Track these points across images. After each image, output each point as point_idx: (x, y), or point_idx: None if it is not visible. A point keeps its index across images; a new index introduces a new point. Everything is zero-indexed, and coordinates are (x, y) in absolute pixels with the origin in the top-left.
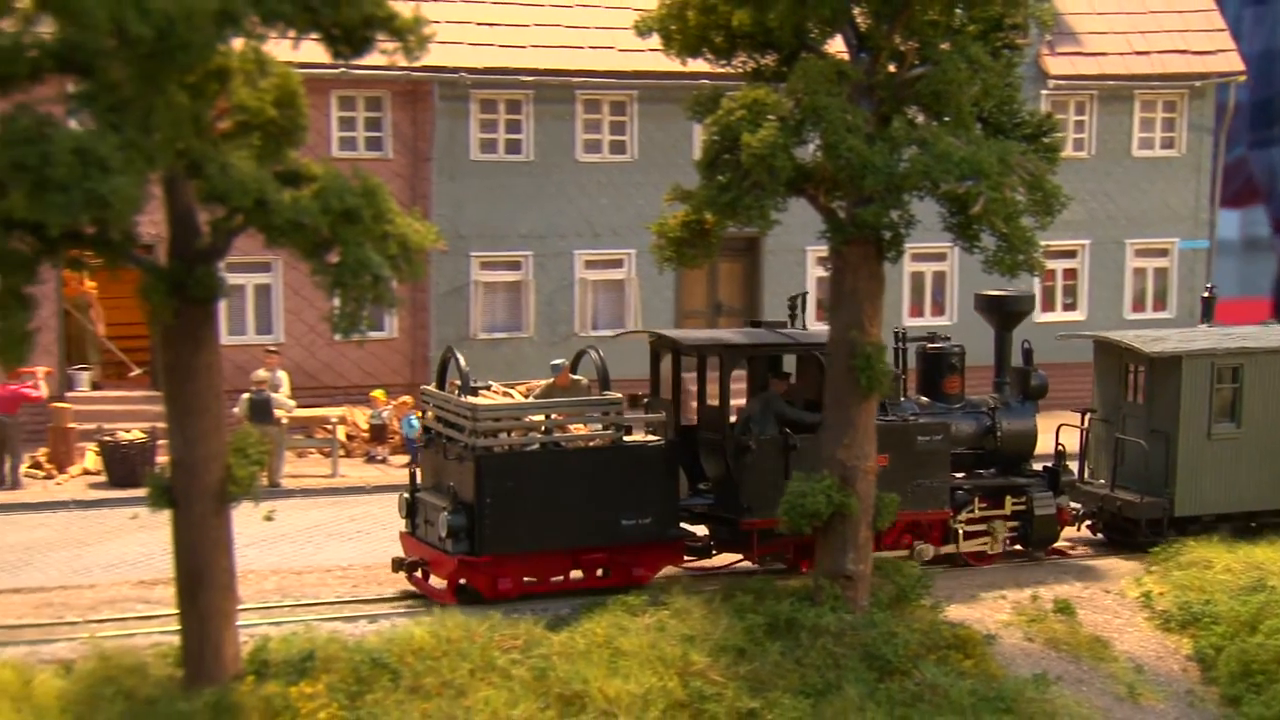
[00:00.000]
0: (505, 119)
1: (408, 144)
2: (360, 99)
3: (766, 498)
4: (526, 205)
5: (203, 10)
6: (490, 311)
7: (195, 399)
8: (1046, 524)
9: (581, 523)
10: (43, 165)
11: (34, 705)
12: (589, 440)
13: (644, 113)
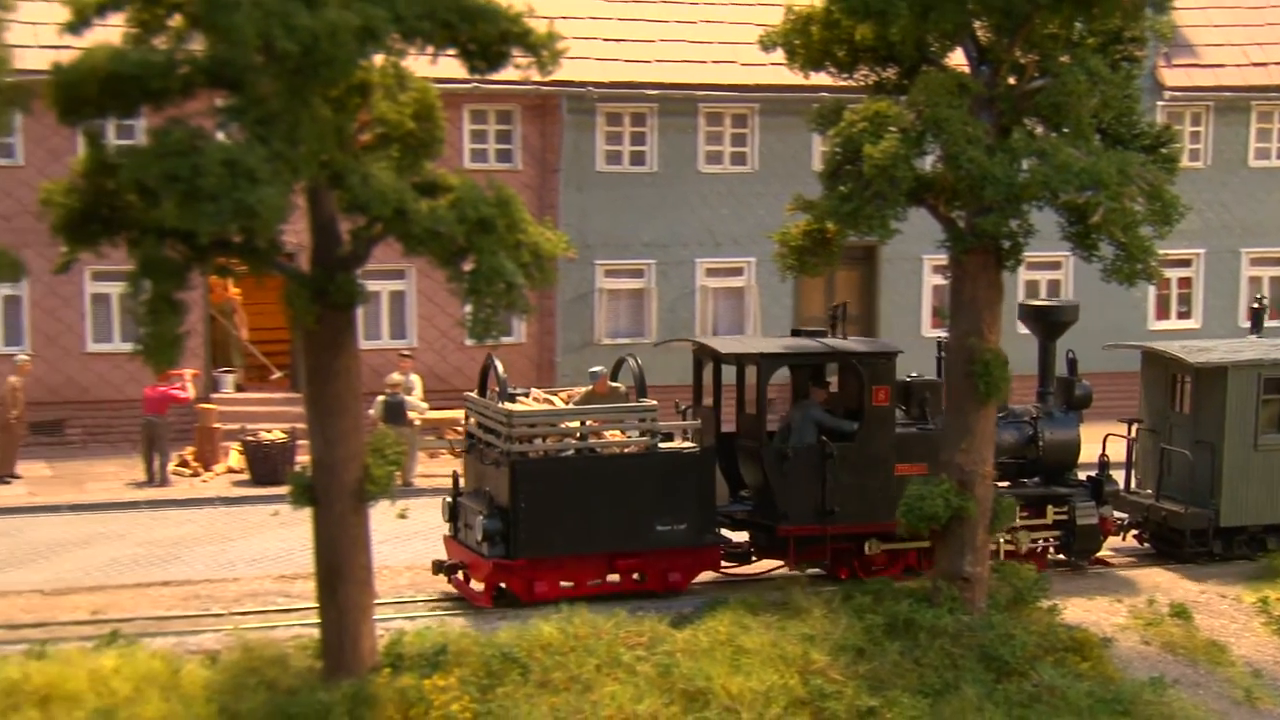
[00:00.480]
0: (630, 131)
1: (536, 156)
2: (491, 112)
3: (803, 505)
4: (650, 215)
5: (346, 27)
6: (614, 318)
7: (335, 401)
8: (1088, 534)
9: (616, 528)
10: (194, 176)
11: (181, 694)
12: (624, 446)
13: (765, 125)
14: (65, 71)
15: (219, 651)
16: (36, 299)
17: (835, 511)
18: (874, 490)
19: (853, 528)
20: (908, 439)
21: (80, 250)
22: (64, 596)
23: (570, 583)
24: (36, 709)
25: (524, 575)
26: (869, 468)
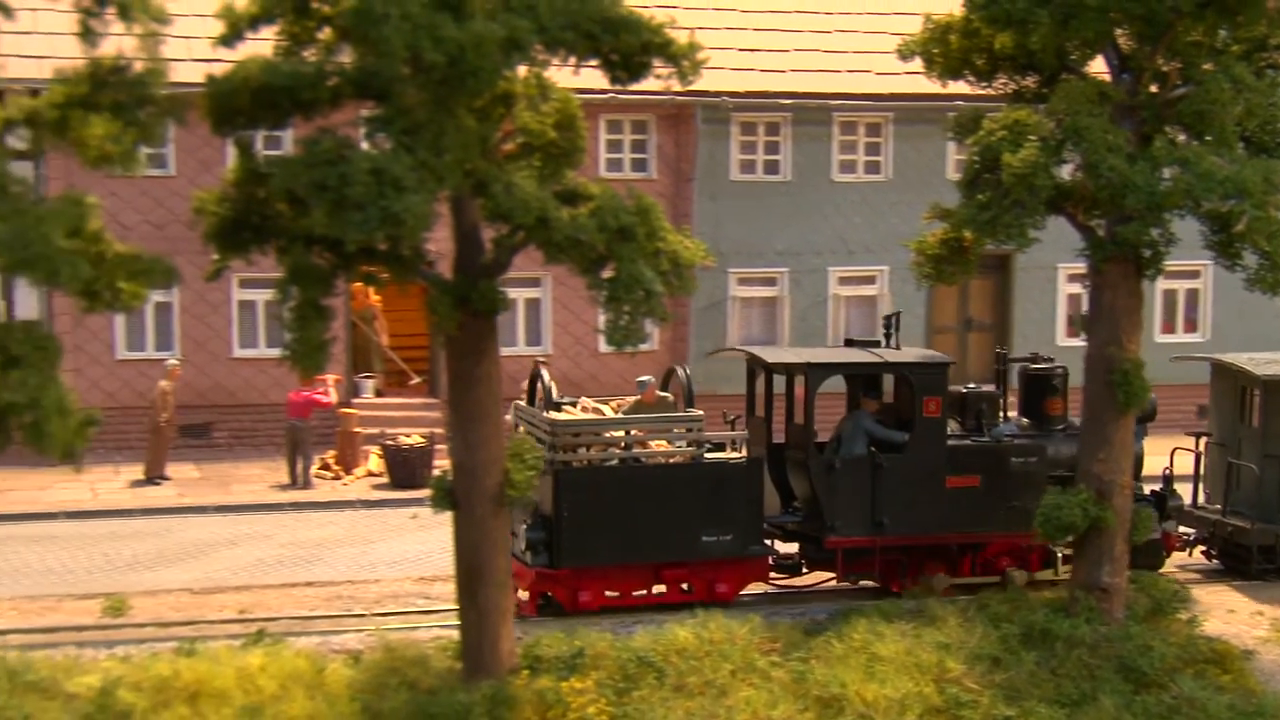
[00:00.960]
0: (764, 140)
1: (671, 165)
2: (627, 122)
3: (852, 516)
4: (783, 223)
5: (491, 38)
6: (746, 325)
7: (477, 406)
8: (1151, 549)
9: (660, 538)
10: (342, 185)
11: (325, 693)
12: (669, 457)
13: (899, 133)
14: (219, 83)
15: (362, 651)
16: (186, 305)
17: (885, 523)
18: (925, 502)
19: (903, 540)
20: (960, 451)
21: (231, 257)
22: (212, 595)
23: (616, 593)
24: (186, 705)
25: (568, 584)
26: (919, 479)
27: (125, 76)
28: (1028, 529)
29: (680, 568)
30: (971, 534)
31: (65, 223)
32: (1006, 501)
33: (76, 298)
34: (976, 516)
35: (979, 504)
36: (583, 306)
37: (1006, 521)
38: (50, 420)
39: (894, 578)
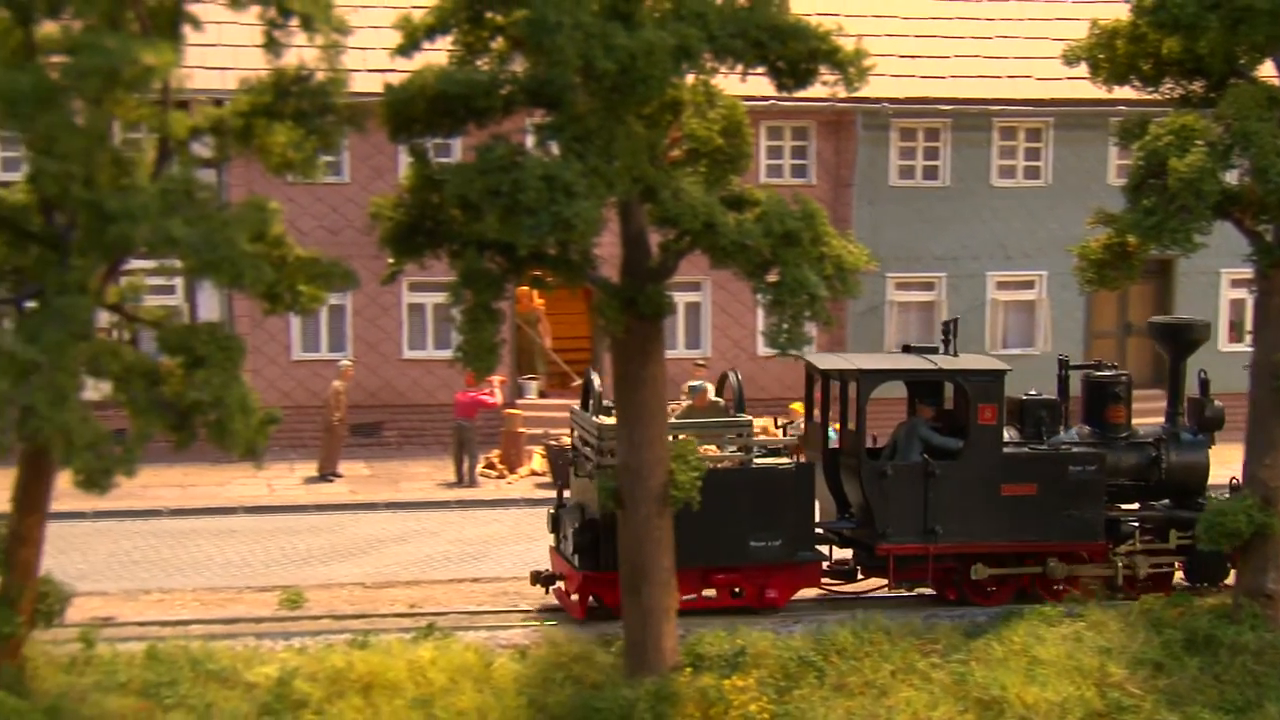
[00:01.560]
0: (923, 146)
1: (830, 171)
2: (787, 129)
3: (904, 523)
4: (941, 228)
5: (662, 47)
6: (903, 329)
7: (642, 408)
8: (1213, 560)
9: (708, 543)
10: (515, 191)
11: (493, 686)
12: (718, 461)
13: (1059, 139)
14: (396, 91)
15: (528, 646)
16: (358, 308)
17: (938, 531)
18: (979, 510)
19: (956, 548)
20: (1015, 459)
21: (405, 261)
22: (383, 590)
23: None
24: (360, 696)
25: (616, 588)
26: (973, 487)
27: (307, 86)
28: (1086, 538)
29: (730, 572)
30: (1028, 543)
31: (249, 227)
32: (1064, 510)
33: (259, 300)
34: (1033, 525)
35: (1035, 512)
36: (742, 311)
37: (1064, 530)
38: (233, 418)
39: (949, 585)
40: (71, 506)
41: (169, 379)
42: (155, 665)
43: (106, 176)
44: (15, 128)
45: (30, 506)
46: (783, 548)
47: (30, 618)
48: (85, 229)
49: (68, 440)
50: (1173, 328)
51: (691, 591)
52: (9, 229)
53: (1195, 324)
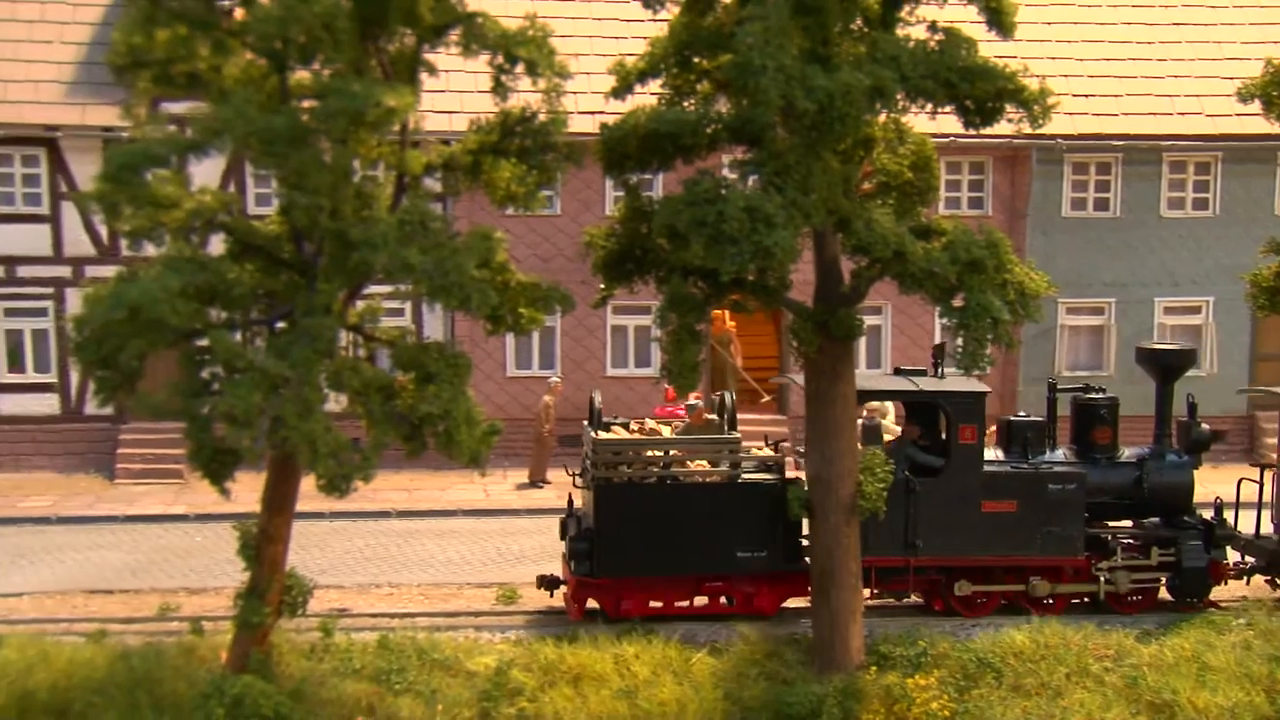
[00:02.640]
0: (1095, 179)
1: (1005, 202)
2: (965, 163)
3: (886, 536)
4: (1111, 257)
5: (858, 88)
6: (1074, 352)
7: (832, 423)
8: (1194, 576)
9: (695, 553)
10: (719, 221)
11: (692, 679)
12: (706, 476)
13: (1227, 171)
14: (611, 130)
15: (724, 644)
16: (567, 329)
17: (919, 545)
18: (959, 525)
19: (937, 561)
20: (996, 476)
21: (616, 286)
22: None
23: (659, 603)
24: (570, 686)
25: (611, 593)
26: (954, 503)
27: (531, 126)
28: (1065, 553)
29: (719, 581)
30: (1007, 557)
31: (476, 255)
32: (1043, 526)
33: (484, 321)
34: (1012, 540)
35: (1015, 528)
36: (918, 333)
37: (1043, 545)
38: (460, 429)
39: (935, 596)
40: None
41: (402, 393)
42: (386, 654)
43: (350, 209)
44: (271, 165)
45: (278, 507)
46: (768, 559)
47: (277, 609)
48: (331, 256)
49: (312, 448)
50: (1158, 354)
51: (684, 598)
52: (263, 256)
53: (1181, 350)
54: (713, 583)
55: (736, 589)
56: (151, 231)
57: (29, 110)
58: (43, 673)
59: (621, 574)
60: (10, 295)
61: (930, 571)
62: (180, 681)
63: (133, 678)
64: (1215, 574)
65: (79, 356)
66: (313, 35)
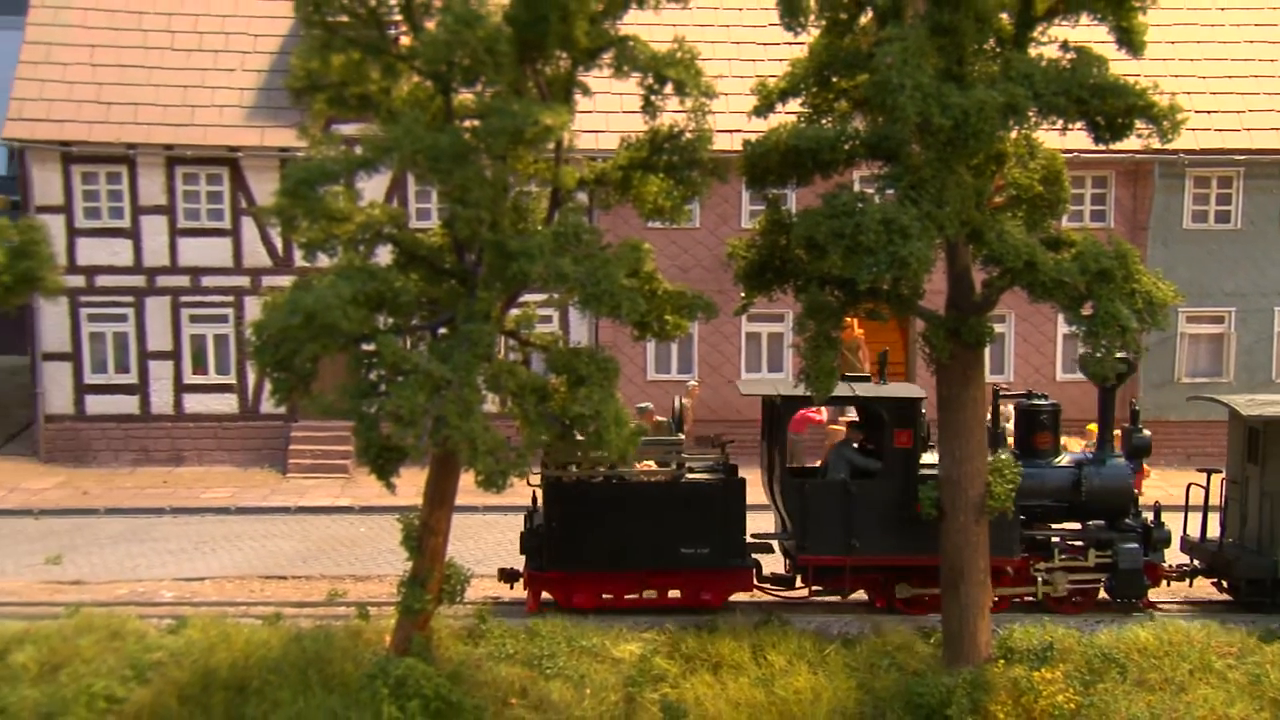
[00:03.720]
0: (1216, 192)
1: (1127, 215)
2: (1088, 178)
3: (823, 536)
4: (1232, 267)
5: (992, 104)
6: (1193, 359)
7: (963, 426)
8: (1129, 577)
9: (640, 548)
10: (856, 233)
11: (826, 669)
12: (652, 475)
13: None
14: (754, 146)
15: (858, 636)
16: (703, 336)
17: (855, 544)
18: (895, 526)
19: (872, 560)
20: (930, 479)
21: (756, 295)
22: None
23: (610, 595)
24: (710, 673)
25: (562, 586)
26: (889, 504)
27: (678, 142)
28: (1000, 553)
29: (666, 576)
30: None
31: (626, 265)
32: None
33: (630, 328)
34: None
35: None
36: (1043, 341)
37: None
38: (609, 429)
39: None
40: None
41: (554, 395)
42: (537, 640)
43: (508, 221)
44: (436, 180)
45: (439, 501)
46: (711, 555)
47: (437, 596)
48: (490, 266)
49: (472, 446)
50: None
51: (633, 591)
52: (426, 266)
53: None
54: (659, 577)
55: (683, 584)
56: (325, 243)
57: (213, 133)
58: (223, 652)
59: (571, 568)
60: (195, 303)
61: (870, 571)
62: (348, 662)
63: (304, 658)
64: (1152, 576)
65: (257, 360)
66: (476, 59)
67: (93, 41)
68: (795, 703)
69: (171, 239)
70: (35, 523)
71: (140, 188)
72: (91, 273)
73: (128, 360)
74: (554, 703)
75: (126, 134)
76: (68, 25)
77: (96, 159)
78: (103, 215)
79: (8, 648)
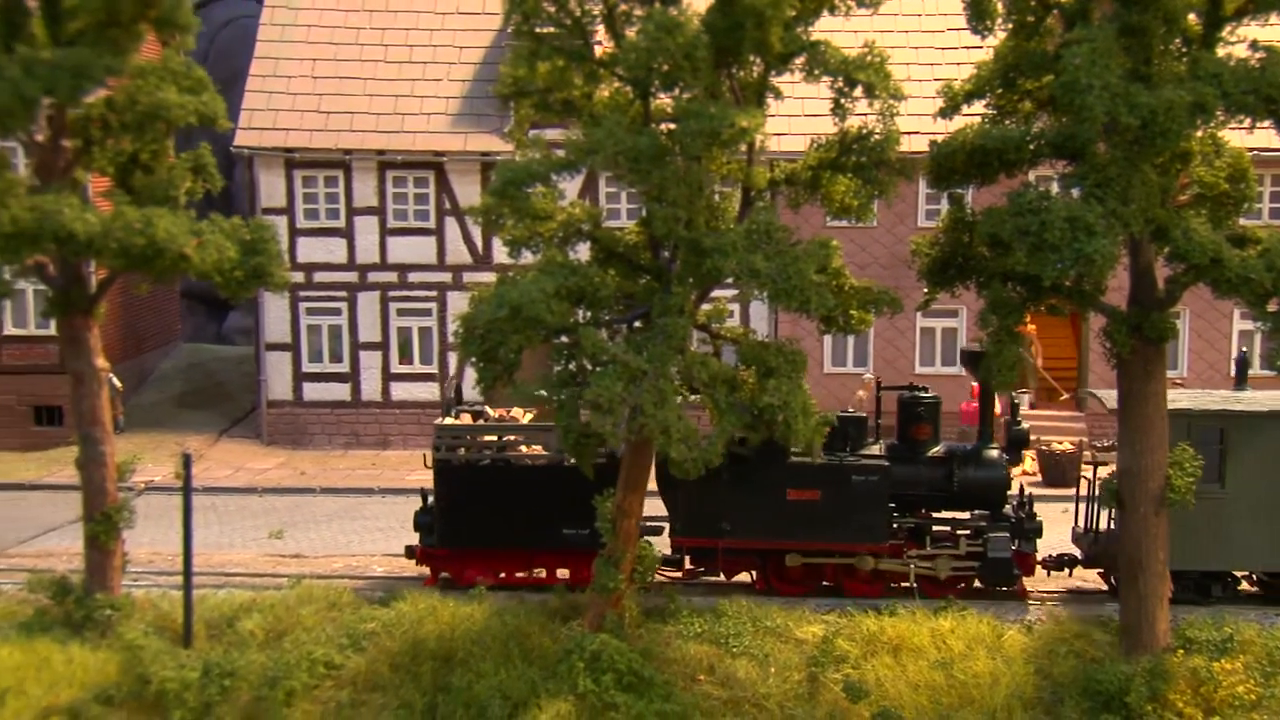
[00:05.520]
0: None
1: None
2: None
3: (696, 520)
4: None
5: (1180, 104)
6: None
7: (1145, 420)
8: (997, 565)
9: (525, 529)
10: (1041, 230)
11: (1004, 655)
12: (535, 459)
13: None
14: (941, 147)
15: (1034, 623)
16: (879, 330)
17: (727, 528)
18: (765, 512)
19: (744, 544)
20: (800, 467)
21: (938, 291)
22: None
23: (502, 573)
24: (889, 655)
25: (456, 563)
26: (761, 491)
27: (867, 143)
28: (868, 540)
29: (551, 555)
30: (811, 542)
31: (815, 261)
32: (847, 514)
33: (816, 322)
34: (816, 527)
35: (819, 516)
36: (1217, 336)
37: (847, 533)
38: (797, 419)
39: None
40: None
41: (744, 386)
42: (723, 619)
43: (702, 220)
44: (635, 180)
45: (633, 486)
46: (591, 536)
47: (629, 576)
48: (684, 262)
49: (666, 433)
50: (979, 355)
51: (523, 569)
52: (624, 262)
53: None
54: (546, 557)
55: (568, 563)
56: (529, 240)
57: (420, 139)
58: (431, 624)
59: (460, 546)
60: (402, 298)
61: (739, 554)
62: (545, 637)
63: (506, 632)
64: (1024, 566)
65: (464, 350)
66: (675, 64)
67: (314, 55)
68: (974, 686)
69: (381, 238)
70: (259, 500)
71: (354, 190)
72: (310, 269)
73: (341, 351)
74: (740, 680)
75: (343, 141)
76: (293, 41)
77: (316, 164)
78: (320, 216)
79: (237, 615)
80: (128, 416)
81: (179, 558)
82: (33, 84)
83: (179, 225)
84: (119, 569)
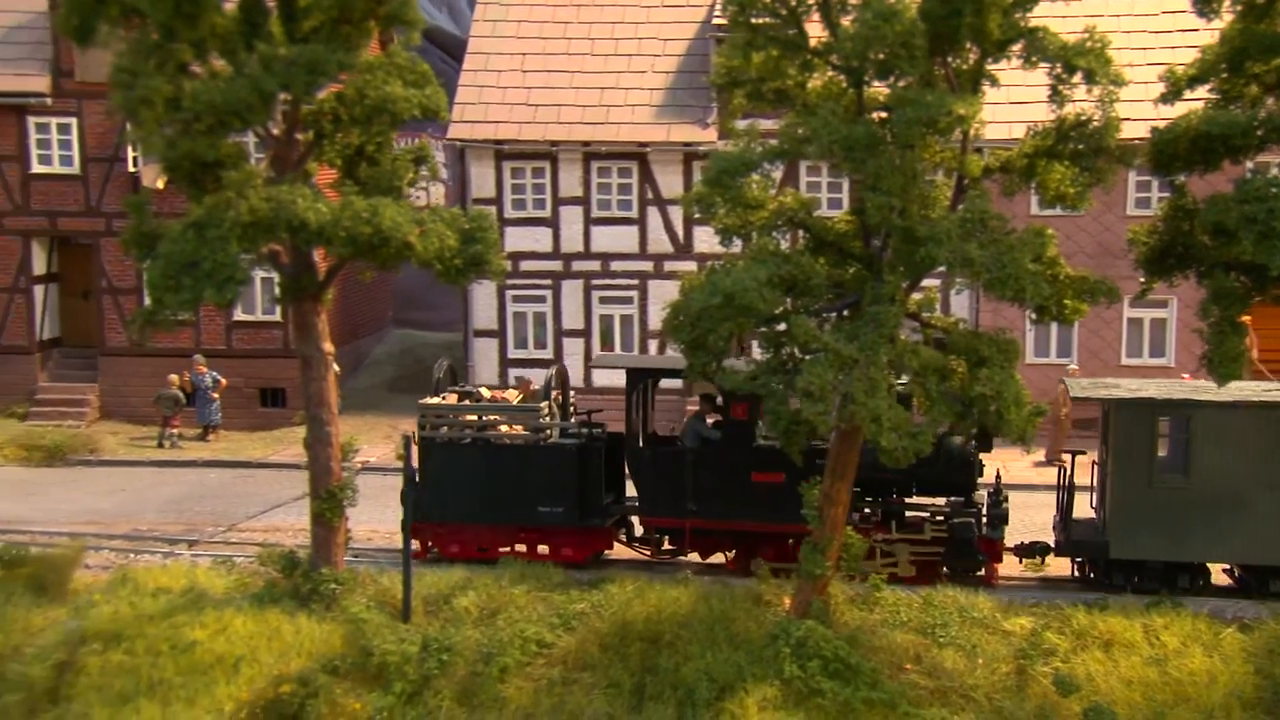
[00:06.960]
0: None
1: None
2: None
3: (663, 501)
4: None
5: None
6: None
7: None
8: (961, 549)
9: (503, 505)
10: (1269, 218)
11: (1221, 653)
12: (514, 438)
13: None
14: (1162, 133)
15: (1255, 621)
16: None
17: (693, 508)
18: (731, 493)
19: (710, 524)
20: (765, 451)
21: (1156, 281)
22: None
23: (485, 547)
24: (1100, 650)
25: (441, 537)
26: (727, 473)
27: (1085, 130)
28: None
29: (529, 532)
30: (775, 524)
31: (1031, 250)
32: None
33: (1031, 312)
34: (780, 509)
35: (784, 498)
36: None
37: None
38: (1010, 409)
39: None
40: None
41: (954, 376)
42: (930, 610)
43: (915, 208)
44: (850, 169)
45: (840, 474)
46: (566, 514)
47: (835, 563)
48: (896, 251)
49: (877, 422)
50: None
51: (505, 544)
52: (834, 251)
53: None
54: (525, 533)
55: (547, 539)
56: (741, 229)
57: (625, 130)
58: (639, 606)
59: (441, 520)
60: (604, 286)
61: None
62: (750, 622)
63: (712, 615)
64: (991, 552)
65: (675, 338)
66: (892, 52)
67: (524, 50)
68: (1190, 684)
69: (586, 227)
70: None
71: (560, 181)
72: (516, 258)
73: (545, 337)
74: (947, 670)
75: (550, 133)
76: (503, 36)
77: (524, 155)
78: (527, 206)
79: (453, 592)
80: (344, 400)
81: (397, 535)
82: (270, 80)
83: (403, 214)
84: (342, 545)
